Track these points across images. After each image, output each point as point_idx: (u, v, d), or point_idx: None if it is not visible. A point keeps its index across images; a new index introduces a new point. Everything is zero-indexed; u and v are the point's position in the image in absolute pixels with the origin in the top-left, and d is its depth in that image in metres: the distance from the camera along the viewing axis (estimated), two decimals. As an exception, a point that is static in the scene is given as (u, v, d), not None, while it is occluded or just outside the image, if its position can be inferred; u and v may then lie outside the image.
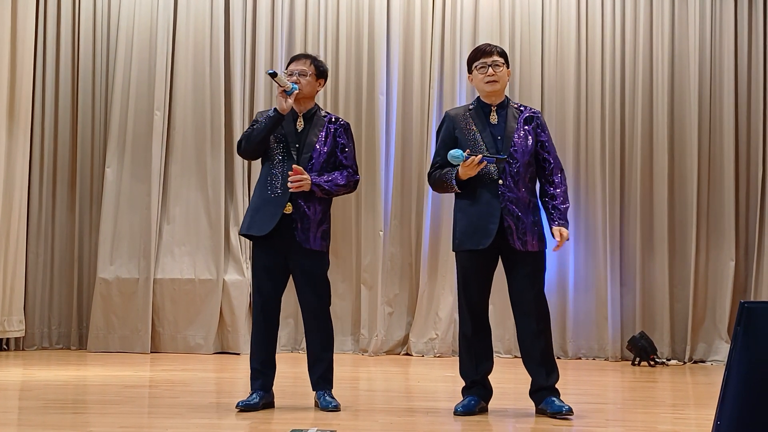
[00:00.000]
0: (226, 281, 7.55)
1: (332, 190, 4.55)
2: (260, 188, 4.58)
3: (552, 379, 4.49)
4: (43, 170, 7.69)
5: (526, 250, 4.44)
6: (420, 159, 7.74)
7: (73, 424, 4.10)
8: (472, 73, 4.60)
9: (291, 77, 4.60)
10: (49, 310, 7.68)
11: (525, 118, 4.58)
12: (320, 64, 4.70)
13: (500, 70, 4.54)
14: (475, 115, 4.57)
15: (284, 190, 4.49)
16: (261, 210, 4.52)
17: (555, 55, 7.77)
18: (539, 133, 4.57)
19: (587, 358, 7.55)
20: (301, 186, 4.44)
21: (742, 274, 7.63)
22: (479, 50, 4.59)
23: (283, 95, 4.49)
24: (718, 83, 7.71)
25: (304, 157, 4.55)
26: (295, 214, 4.49)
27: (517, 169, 4.47)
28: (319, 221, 4.54)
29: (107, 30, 7.82)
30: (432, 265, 7.63)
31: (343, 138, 4.67)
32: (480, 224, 4.44)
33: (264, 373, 4.57)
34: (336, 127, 4.66)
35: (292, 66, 4.66)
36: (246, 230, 4.56)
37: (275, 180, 4.53)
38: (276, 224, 4.47)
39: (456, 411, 4.47)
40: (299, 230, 4.49)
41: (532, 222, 4.47)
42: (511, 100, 4.67)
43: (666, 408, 4.96)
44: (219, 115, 7.69)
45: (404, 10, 7.83)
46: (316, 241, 4.53)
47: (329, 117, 4.70)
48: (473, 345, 4.55)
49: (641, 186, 7.64)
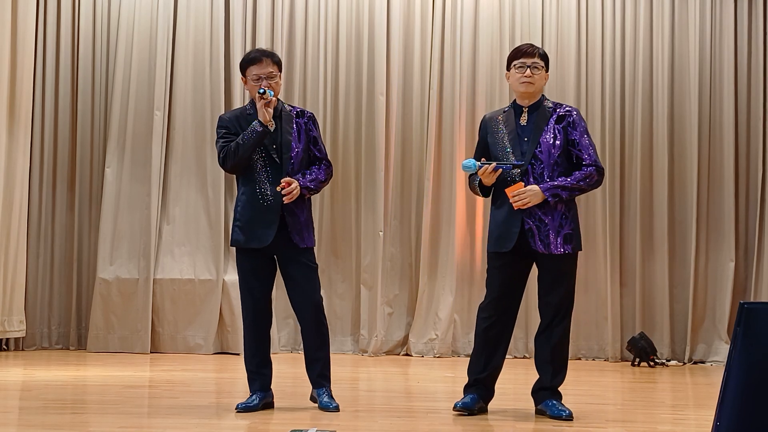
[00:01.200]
0: (225, 281, 7.55)
1: (317, 188, 4.59)
2: (248, 200, 4.50)
3: (557, 381, 4.48)
4: (43, 170, 7.69)
5: (549, 252, 4.39)
6: (419, 159, 7.74)
7: (73, 424, 4.10)
8: (509, 71, 4.55)
9: (259, 82, 4.47)
10: (48, 311, 7.67)
11: (558, 116, 4.50)
12: (278, 58, 4.61)
13: (538, 73, 4.48)
14: (507, 117, 4.54)
15: (276, 197, 4.46)
16: (256, 221, 4.48)
17: (555, 57, 7.76)
18: (570, 131, 4.47)
19: (587, 358, 7.55)
20: (294, 195, 4.43)
21: (741, 275, 7.63)
22: (520, 50, 4.54)
23: (265, 106, 4.41)
24: (718, 84, 7.71)
25: (285, 159, 4.51)
26: (286, 217, 4.48)
27: (541, 171, 4.42)
28: (306, 219, 4.57)
29: (107, 30, 7.82)
30: (432, 266, 7.63)
31: (314, 130, 4.64)
32: (503, 227, 4.45)
33: (261, 373, 4.56)
34: (305, 121, 4.63)
35: (255, 70, 4.49)
36: (245, 244, 4.49)
37: (264, 188, 4.49)
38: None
39: (455, 406, 4.45)
40: (293, 232, 4.49)
41: (558, 224, 4.40)
42: (547, 99, 4.59)
43: (665, 409, 4.96)
44: (219, 115, 7.67)
45: (404, 11, 7.82)
46: (310, 238, 4.56)
47: (294, 110, 4.65)
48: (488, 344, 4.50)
49: (641, 186, 7.64)
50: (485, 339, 4.51)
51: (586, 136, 4.49)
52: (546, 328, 4.49)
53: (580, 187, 4.41)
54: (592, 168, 4.42)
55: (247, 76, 4.52)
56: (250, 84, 4.51)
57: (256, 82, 4.47)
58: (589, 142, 4.49)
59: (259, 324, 4.57)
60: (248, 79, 4.52)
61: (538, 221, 4.40)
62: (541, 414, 4.44)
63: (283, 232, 4.48)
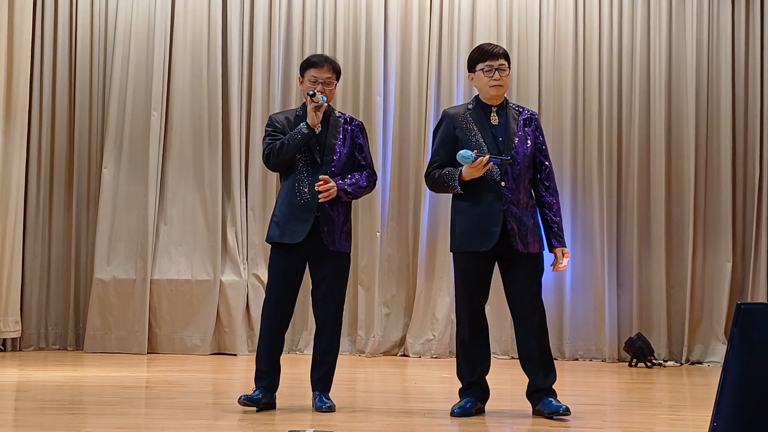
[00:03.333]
0: (223, 282, 7.54)
1: (356, 192, 4.60)
2: (287, 196, 4.56)
3: (549, 380, 4.49)
4: (40, 171, 7.68)
5: (528, 251, 4.45)
6: (417, 160, 7.74)
7: (70, 424, 4.09)
8: (474, 73, 4.56)
9: (315, 85, 4.54)
10: (45, 311, 7.66)
11: (524, 119, 4.58)
12: (338, 66, 4.68)
13: (505, 74, 4.52)
14: (476, 115, 4.55)
15: (313, 195, 4.49)
16: (292, 217, 4.51)
17: (552, 57, 7.78)
18: (537, 135, 4.58)
19: (584, 359, 7.55)
20: (330, 194, 4.46)
21: (738, 276, 7.63)
22: (485, 51, 4.54)
23: (315, 110, 4.46)
24: (716, 84, 7.71)
25: (326, 160, 4.56)
26: (321, 217, 4.51)
27: (518, 171, 4.47)
28: (342, 223, 4.58)
29: (104, 30, 7.81)
30: (429, 266, 7.63)
31: (360, 138, 4.69)
32: (482, 226, 4.44)
33: (270, 375, 4.57)
34: (352, 128, 4.68)
35: (313, 73, 4.57)
36: (279, 239, 4.53)
37: (302, 186, 4.53)
38: None
39: (453, 412, 4.47)
40: (325, 233, 4.51)
41: (532, 224, 4.49)
42: (509, 100, 4.66)
43: (663, 409, 4.96)
44: (216, 115, 7.68)
45: (402, 11, 7.83)
46: (342, 243, 4.56)
47: (343, 117, 4.71)
48: (470, 348, 4.54)
49: (638, 187, 7.65)
50: (469, 347, 4.54)
51: (546, 142, 4.67)
52: (529, 333, 4.48)
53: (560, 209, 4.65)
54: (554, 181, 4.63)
55: (305, 77, 4.59)
56: (306, 85, 4.57)
57: (312, 84, 4.55)
58: (547, 147, 4.68)
59: (277, 325, 4.58)
60: (305, 80, 4.59)
61: (517, 221, 4.44)
62: (539, 414, 4.45)
63: (317, 233, 4.51)
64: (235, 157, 7.67)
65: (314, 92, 4.46)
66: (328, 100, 4.57)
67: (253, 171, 7.71)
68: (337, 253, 4.56)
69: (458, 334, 4.61)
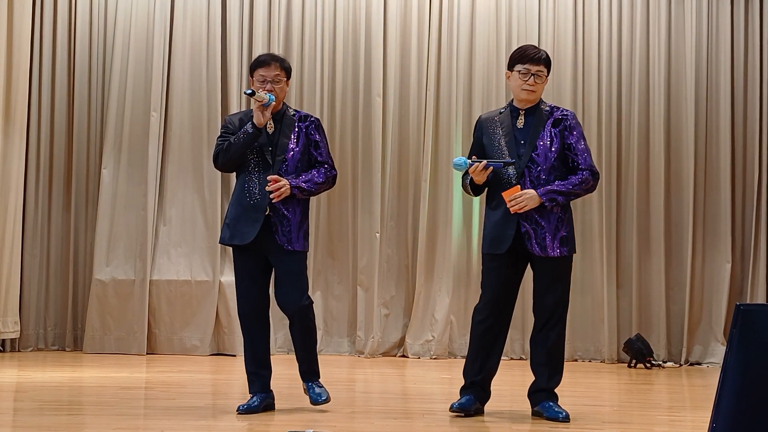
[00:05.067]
0: (222, 283, 7.54)
1: (312, 189, 4.53)
2: (238, 197, 4.53)
3: (553, 383, 4.49)
4: (39, 171, 7.68)
5: (546, 255, 4.40)
6: (416, 160, 7.74)
7: (69, 425, 4.09)
8: (512, 72, 4.51)
9: (263, 85, 4.49)
10: (44, 312, 7.65)
11: (554, 120, 4.50)
12: (287, 64, 4.63)
13: (541, 81, 4.48)
14: (504, 119, 4.53)
15: (263, 195, 4.46)
16: (242, 218, 4.49)
17: (552, 58, 7.74)
18: (566, 135, 4.47)
19: (583, 360, 7.55)
20: (282, 194, 4.42)
21: (738, 277, 7.63)
22: (526, 54, 4.49)
23: (261, 108, 4.41)
24: (715, 86, 7.71)
25: (278, 160, 4.50)
26: (274, 217, 4.46)
27: (537, 173, 4.42)
28: (299, 222, 4.52)
29: (104, 31, 7.81)
30: (428, 267, 7.63)
31: (315, 135, 4.61)
32: (498, 229, 4.45)
33: (259, 374, 4.56)
34: (307, 125, 4.61)
35: (261, 72, 4.52)
36: (229, 240, 4.53)
37: (252, 186, 4.49)
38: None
39: (452, 407, 4.46)
40: (280, 233, 4.47)
41: (554, 227, 4.41)
42: (544, 102, 4.59)
43: (662, 410, 4.96)
44: (216, 116, 7.68)
45: (401, 12, 7.82)
46: (299, 242, 4.51)
47: (298, 115, 4.65)
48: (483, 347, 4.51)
49: (638, 188, 7.65)
50: (481, 342, 4.52)
51: (583, 141, 4.50)
52: (542, 330, 4.50)
53: (575, 191, 4.43)
54: (587, 173, 4.43)
55: (254, 78, 4.56)
56: (256, 85, 4.53)
57: (261, 84, 4.50)
58: (585, 146, 4.50)
59: (252, 324, 4.58)
60: (254, 81, 4.55)
61: (534, 224, 4.40)
62: (538, 416, 4.45)
63: (270, 233, 4.48)
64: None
65: (252, 91, 4.39)
66: (279, 98, 4.51)
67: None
68: (295, 252, 4.51)
69: (473, 331, 4.57)
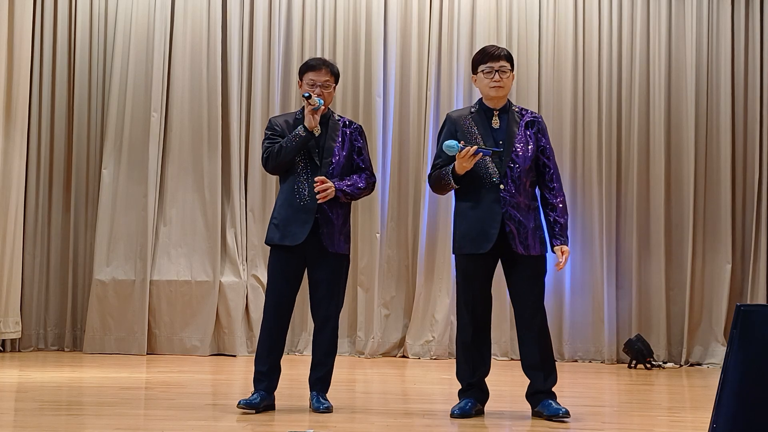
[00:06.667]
0: (222, 283, 7.54)
1: (354, 193, 4.63)
2: (286, 198, 4.59)
3: (549, 383, 4.50)
4: (39, 171, 7.68)
5: (529, 254, 4.45)
6: (417, 161, 7.74)
7: (69, 425, 4.09)
8: (476, 74, 4.58)
9: (313, 89, 4.57)
10: (44, 312, 7.66)
11: (526, 122, 4.58)
12: (336, 69, 4.71)
13: (506, 76, 4.53)
14: (478, 118, 4.56)
15: (312, 197, 4.53)
16: (292, 219, 4.54)
17: (552, 59, 7.78)
18: (539, 137, 4.57)
19: (583, 360, 7.55)
20: (328, 195, 4.49)
21: (738, 277, 7.63)
22: (486, 53, 4.56)
23: (312, 112, 4.50)
24: (715, 87, 7.71)
25: (325, 162, 4.59)
26: (320, 219, 4.54)
27: (518, 174, 4.47)
28: (341, 224, 4.61)
29: (104, 31, 7.81)
30: (429, 268, 7.63)
31: (359, 141, 4.73)
32: (481, 228, 4.45)
33: (270, 376, 4.57)
34: (351, 131, 4.72)
35: (311, 76, 4.61)
36: (279, 241, 4.56)
37: (302, 188, 4.57)
38: None
39: (453, 413, 4.48)
40: (325, 235, 4.54)
41: (534, 226, 4.49)
42: (512, 103, 4.67)
43: (662, 411, 4.96)
44: (216, 116, 7.68)
45: (401, 12, 7.83)
46: (341, 245, 4.59)
47: (343, 120, 4.75)
48: (471, 350, 4.55)
49: (638, 188, 7.65)
50: (469, 348, 4.55)
51: (550, 144, 4.65)
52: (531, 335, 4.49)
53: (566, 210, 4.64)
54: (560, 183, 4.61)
55: (303, 81, 4.64)
56: (304, 88, 4.60)
57: (310, 87, 4.58)
58: (551, 149, 4.65)
59: (277, 325, 4.59)
60: (303, 84, 4.63)
61: (517, 224, 4.44)
62: (538, 415, 4.45)
63: (316, 235, 4.54)
64: (235, 158, 7.67)
65: (310, 95, 4.49)
66: (327, 103, 4.61)
67: (253, 172, 7.71)
68: (336, 255, 4.58)
69: (459, 336, 4.61)
